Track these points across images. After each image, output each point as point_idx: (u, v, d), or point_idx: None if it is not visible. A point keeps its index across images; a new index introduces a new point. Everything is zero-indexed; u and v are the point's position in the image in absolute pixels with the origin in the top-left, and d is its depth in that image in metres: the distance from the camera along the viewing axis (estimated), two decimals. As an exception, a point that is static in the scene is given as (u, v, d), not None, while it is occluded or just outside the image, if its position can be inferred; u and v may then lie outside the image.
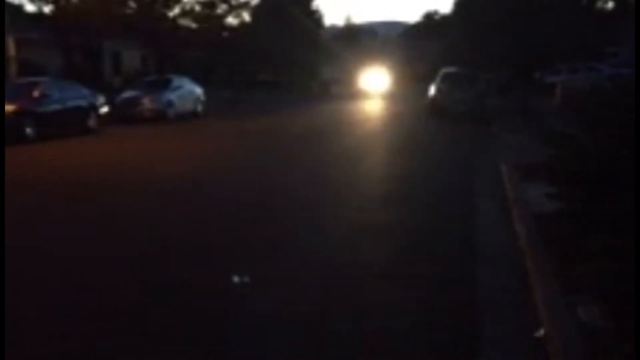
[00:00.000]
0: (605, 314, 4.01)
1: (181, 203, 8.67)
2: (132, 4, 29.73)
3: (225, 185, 10.11)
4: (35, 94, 17.42)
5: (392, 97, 38.19)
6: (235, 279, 5.25)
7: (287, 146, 15.61)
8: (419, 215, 7.78)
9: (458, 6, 47.54)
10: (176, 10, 32.10)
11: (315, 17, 58.53)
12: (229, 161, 13.06)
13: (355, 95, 38.50)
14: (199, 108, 25.77)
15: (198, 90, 26.18)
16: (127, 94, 23.76)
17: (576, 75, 31.04)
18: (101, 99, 20.18)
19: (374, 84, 40.56)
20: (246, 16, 37.46)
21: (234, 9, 34.09)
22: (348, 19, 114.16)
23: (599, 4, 38.23)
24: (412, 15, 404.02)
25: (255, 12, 42.32)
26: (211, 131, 20.07)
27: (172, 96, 23.82)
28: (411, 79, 59.99)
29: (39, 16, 28.18)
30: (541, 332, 4.08)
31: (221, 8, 33.43)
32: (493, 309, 4.63)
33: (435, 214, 7.83)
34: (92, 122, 19.19)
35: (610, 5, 37.80)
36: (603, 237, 4.89)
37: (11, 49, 23.01)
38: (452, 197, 8.94)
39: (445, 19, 73.27)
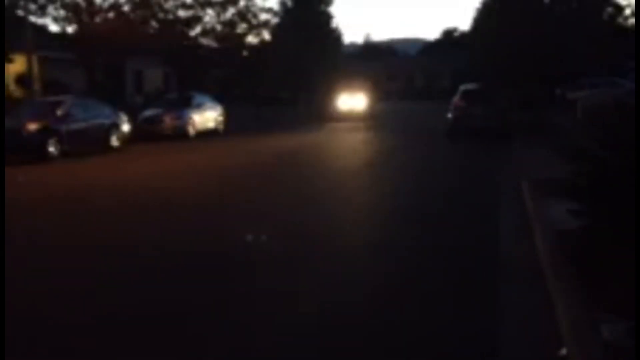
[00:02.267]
0: (629, 332, 3.95)
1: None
2: (155, 24, 30.08)
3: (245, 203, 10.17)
4: (59, 112, 17.67)
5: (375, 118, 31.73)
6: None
7: (301, 168, 15.67)
8: (442, 232, 7.77)
9: (477, 23, 47.54)
10: (197, 30, 32.43)
11: (334, 36, 58.72)
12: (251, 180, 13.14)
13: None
14: (220, 125, 25.96)
15: (219, 108, 26.38)
16: (149, 111, 23.99)
17: (597, 90, 30.80)
18: (123, 117, 20.41)
19: (352, 105, 32.39)
20: (266, 35, 37.69)
21: (254, 28, 34.32)
22: (367, 37, 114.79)
23: (620, 19, 38.01)
24: (431, 32, 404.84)
25: (275, 31, 42.61)
26: (231, 149, 20.12)
27: (193, 114, 24.02)
28: (426, 97, 59.27)
29: (62, 36, 28.61)
30: (564, 351, 4.03)
31: (241, 27, 33.68)
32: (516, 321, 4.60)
33: (458, 232, 7.80)
34: (114, 140, 19.42)
35: (630, 21, 37.55)
36: (626, 253, 4.83)
37: (35, 67, 23.38)
38: (475, 215, 8.88)
39: (464, 35, 73.23)
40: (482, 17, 44.00)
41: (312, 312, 4.99)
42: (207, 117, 25.18)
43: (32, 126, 16.59)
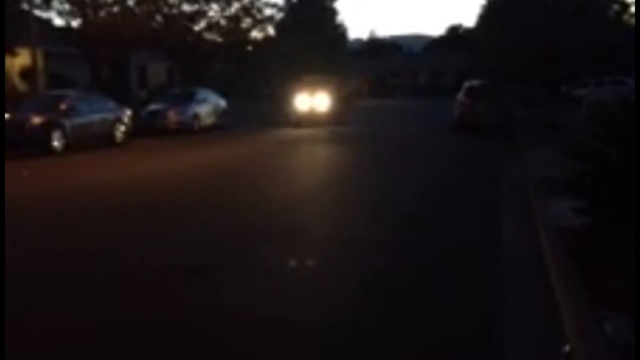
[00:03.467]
0: (632, 329, 3.94)
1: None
2: (159, 18, 30.07)
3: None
4: (63, 106, 17.70)
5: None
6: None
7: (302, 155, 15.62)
8: (444, 231, 7.76)
9: (482, 19, 47.42)
10: (202, 24, 32.43)
11: (339, 32, 58.70)
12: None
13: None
14: (223, 120, 25.98)
15: (222, 103, 26.41)
16: (153, 106, 24.01)
17: (602, 88, 30.71)
18: (127, 111, 20.43)
19: (312, 106, 26.16)
20: (270, 30, 37.67)
21: (258, 23, 34.32)
22: (372, 33, 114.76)
23: (626, 17, 37.84)
24: (436, 28, 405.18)
25: (280, 26, 42.61)
26: (235, 143, 20.07)
27: (196, 108, 24.05)
28: (429, 94, 58.82)
29: (67, 30, 28.64)
30: (567, 347, 4.02)
31: (246, 22, 33.67)
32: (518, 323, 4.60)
33: (461, 230, 7.78)
34: (118, 135, 19.45)
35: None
36: (630, 251, 4.82)
37: (39, 62, 23.40)
38: (478, 213, 8.85)
39: (469, 32, 73.05)
40: (487, 14, 43.89)
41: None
42: (211, 111, 25.22)
43: (37, 120, 16.62)
